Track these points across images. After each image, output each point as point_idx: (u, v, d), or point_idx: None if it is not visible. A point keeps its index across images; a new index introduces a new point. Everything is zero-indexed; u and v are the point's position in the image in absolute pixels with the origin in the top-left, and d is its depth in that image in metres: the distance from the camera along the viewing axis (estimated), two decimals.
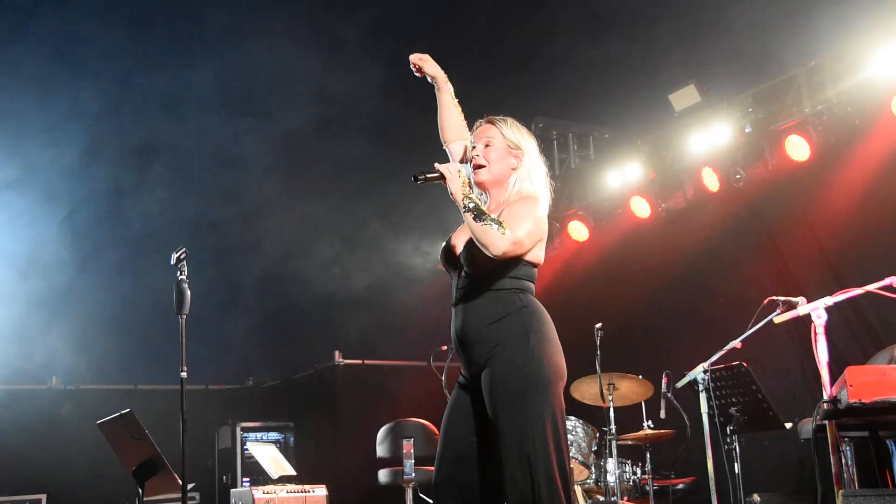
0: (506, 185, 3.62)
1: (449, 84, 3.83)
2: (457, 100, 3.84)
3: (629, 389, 6.87)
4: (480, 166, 3.61)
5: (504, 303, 3.44)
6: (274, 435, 9.36)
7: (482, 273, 3.47)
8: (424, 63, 3.83)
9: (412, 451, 6.64)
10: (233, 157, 9.73)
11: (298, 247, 10.17)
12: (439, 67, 3.83)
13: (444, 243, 3.71)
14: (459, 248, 3.59)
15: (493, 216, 3.40)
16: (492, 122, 3.67)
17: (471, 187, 3.52)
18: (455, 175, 3.47)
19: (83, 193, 8.99)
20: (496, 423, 3.36)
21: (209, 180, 9.67)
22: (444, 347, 6.21)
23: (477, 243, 3.40)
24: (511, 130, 3.64)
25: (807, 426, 5.28)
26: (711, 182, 7.98)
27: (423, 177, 3.53)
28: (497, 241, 3.34)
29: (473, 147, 3.66)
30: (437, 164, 3.52)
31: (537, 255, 3.55)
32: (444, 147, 3.88)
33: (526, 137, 3.67)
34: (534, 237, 3.48)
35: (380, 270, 9.80)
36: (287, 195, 9.96)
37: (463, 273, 3.54)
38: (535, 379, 3.34)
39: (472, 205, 3.40)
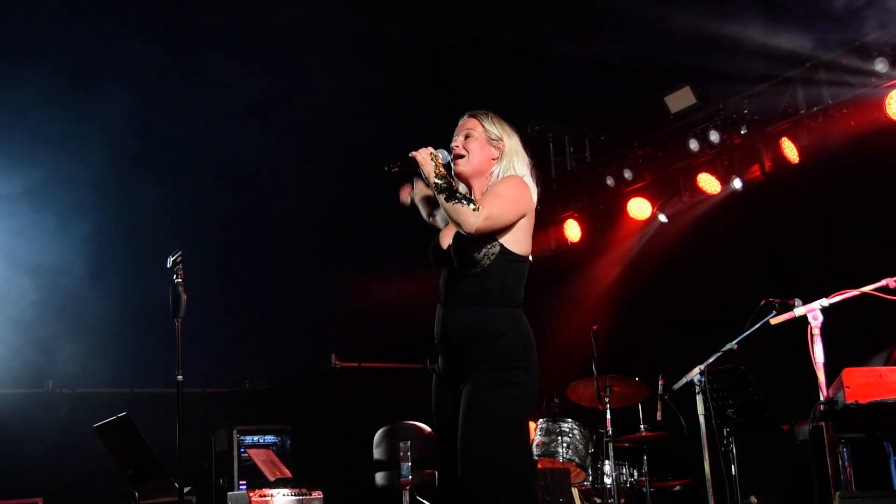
0: (488, 175, 3.62)
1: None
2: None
3: (625, 391, 6.87)
4: (460, 156, 3.62)
5: (490, 321, 3.42)
6: (270, 438, 9.33)
7: (470, 269, 3.45)
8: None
9: (409, 453, 6.63)
10: (236, 160, 9.72)
11: (296, 249, 10.16)
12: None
13: (434, 238, 3.72)
14: (448, 242, 3.60)
15: (465, 194, 3.42)
16: (473, 116, 3.69)
17: (450, 175, 3.53)
18: (427, 159, 3.50)
19: (94, 201, 8.98)
20: (465, 432, 3.37)
21: (211, 179, 9.65)
22: None
23: (451, 223, 3.44)
24: (491, 123, 3.65)
25: (804, 428, 5.30)
26: (708, 184, 7.99)
27: (397, 165, 3.56)
28: (469, 218, 3.35)
29: (454, 139, 3.67)
30: (411, 152, 3.54)
31: (523, 244, 3.51)
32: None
33: (508, 131, 3.67)
34: (510, 212, 3.44)
35: (376, 273, 9.79)
36: (287, 197, 9.95)
37: (451, 269, 3.54)
38: (513, 411, 3.39)
39: (443, 184, 3.42)
